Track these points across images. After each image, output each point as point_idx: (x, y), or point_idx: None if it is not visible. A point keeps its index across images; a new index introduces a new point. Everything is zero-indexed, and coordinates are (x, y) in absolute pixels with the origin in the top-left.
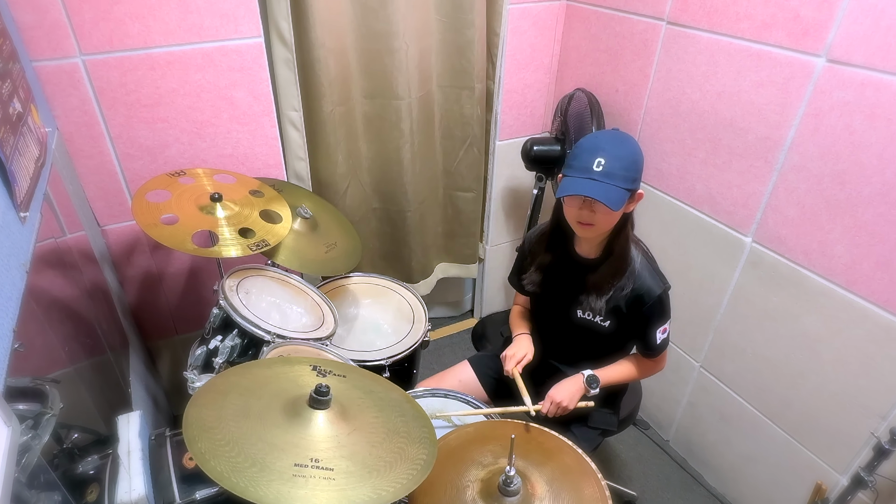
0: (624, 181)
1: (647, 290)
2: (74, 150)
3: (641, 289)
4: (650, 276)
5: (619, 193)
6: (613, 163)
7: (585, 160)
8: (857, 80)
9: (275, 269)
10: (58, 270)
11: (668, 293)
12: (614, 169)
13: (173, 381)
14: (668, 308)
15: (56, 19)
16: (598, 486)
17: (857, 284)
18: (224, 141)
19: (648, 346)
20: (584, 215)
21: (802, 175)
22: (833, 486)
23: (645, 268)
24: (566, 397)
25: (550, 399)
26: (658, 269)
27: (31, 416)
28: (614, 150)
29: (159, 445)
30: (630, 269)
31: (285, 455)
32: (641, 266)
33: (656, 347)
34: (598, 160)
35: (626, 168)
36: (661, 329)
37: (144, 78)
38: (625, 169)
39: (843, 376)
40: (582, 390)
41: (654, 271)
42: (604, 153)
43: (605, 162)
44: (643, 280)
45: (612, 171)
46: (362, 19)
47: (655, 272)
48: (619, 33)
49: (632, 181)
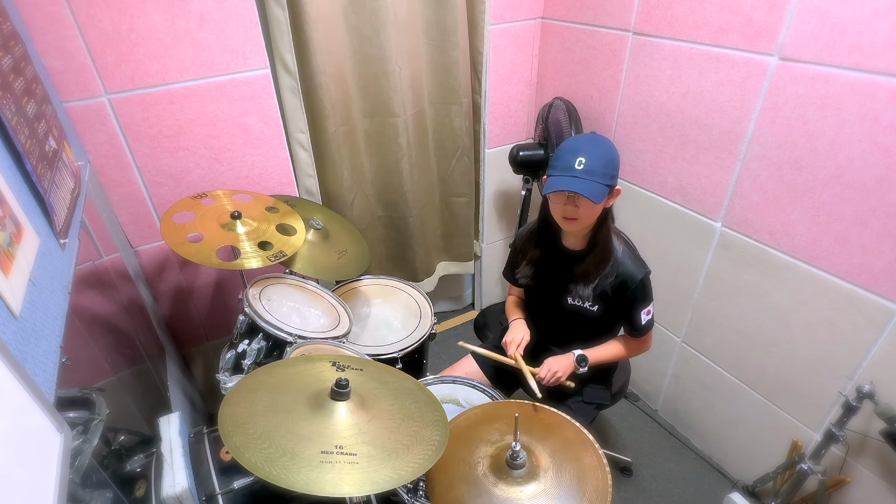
0: (603, 177)
1: (629, 276)
2: (105, 180)
3: (625, 275)
4: (632, 262)
5: (599, 188)
6: (593, 161)
7: (568, 160)
8: (807, 75)
9: (293, 277)
10: (97, 290)
11: (649, 277)
12: (594, 167)
13: (207, 384)
14: (650, 291)
15: (82, 63)
16: (596, 454)
17: (819, 259)
18: (240, 164)
19: (634, 326)
20: (568, 210)
21: (763, 163)
22: (808, 443)
23: (626, 255)
24: (560, 368)
25: (547, 366)
26: (639, 256)
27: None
28: (593, 150)
29: (198, 442)
30: (613, 258)
31: (312, 444)
32: (623, 254)
33: (642, 328)
34: (580, 159)
35: (604, 166)
36: (644, 311)
37: (165, 111)
38: (603, 166)
39: (811, 343)
40: (572, 367)
41: (635, 258)
42: (584, 153)
43: (586, 161)
44: (626, 267)
45: (592, 169)
46: (358, 46)
47: (636, 259)
48: (590, 45)
49: (610, 178)
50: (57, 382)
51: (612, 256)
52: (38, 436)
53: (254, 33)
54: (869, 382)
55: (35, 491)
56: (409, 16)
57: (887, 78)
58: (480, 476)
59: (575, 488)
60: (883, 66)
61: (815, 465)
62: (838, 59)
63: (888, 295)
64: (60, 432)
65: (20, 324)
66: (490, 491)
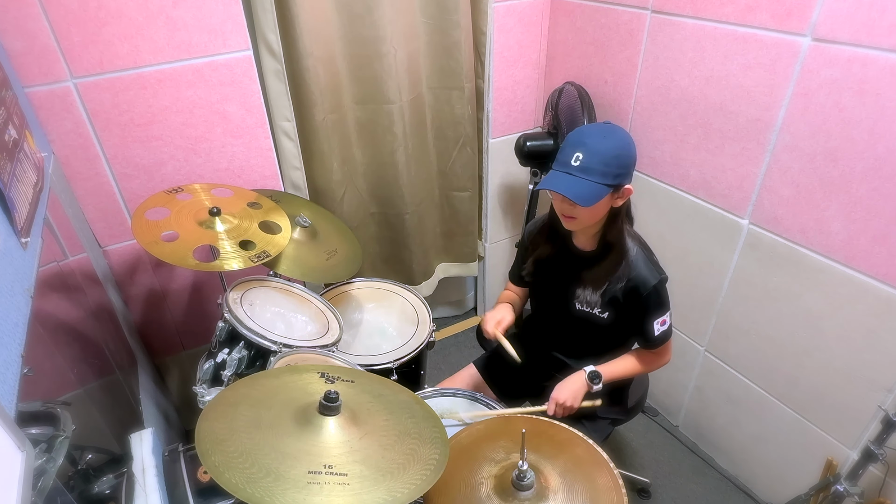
0: (602, 176)
1: (642, 282)
2: (71, 173)
3: (637, 280)
4: (645, 267)
5: (591, 188)
6: (591, 158)
7: (567, 154)
8: (843, 57)
9: (277, 280)
10: (62, 293)
11: (664, 284)
12: (591, 164)
13: (183, 397)
14: (665, 299)
15: (45, 44)
16: (611, 475)
17: (856, 260)
18: (219, 155)
19: (647, 337)
20: (564, 208)
21: (795, 154)
22: (844, 462)
23: (640, 259)
24: (569, 397)
25: (554, 401)
26: (655, 261)
27: (45, 439)
28: (595, 145)
29: (173, 461)
30: (625, 262)
31: (299, 463)
32: (636, 257)
33: (655, 339)
34: (577, 155)
35: (604, 163)
36: (659, 321)
37: (136, 97)
38: (604, 164)
39: (848, 351)
40: (585, 387)
41: (650, 262)
42: (583, 148)
43: (583, 157)
44: (638, 271)
45: (588, 167)
46: (349, 26)
47: (651, 263)
48: (604, 25)
49: (613, 176)
50: (18, 396)
51: (624, 259)
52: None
53: (234, 11)
54: None
55: None
56: None
57: None
58: (484, 498)
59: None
60: None
61: (851, 487)
62: (877, 39)
63: None
64: (22, 450)
65: None
66: None
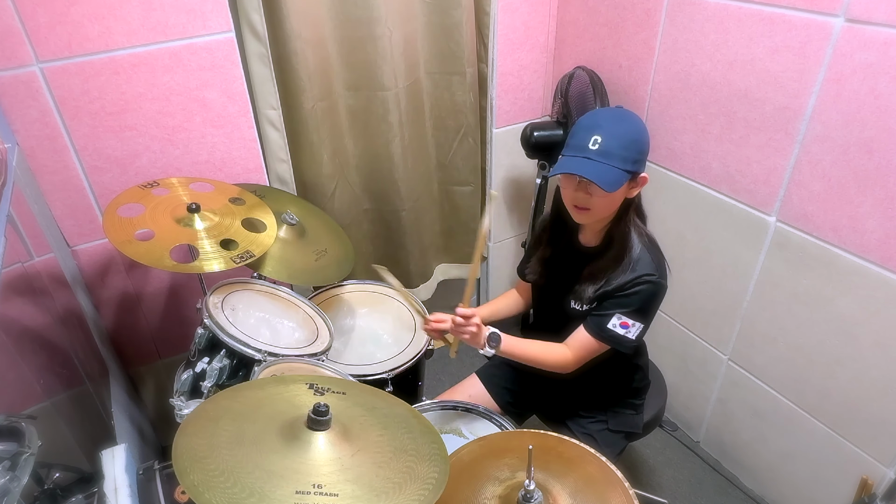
0: (622, 161)
1: (636, 276)
2: (37, 166)
3: (633, 275)
4: (647, 265)
5: (614, 174)
6: (610, 141)
7: (581, 138)
8: (879, 40)
9: (262, 282)
10: (27, 297)
11: (657, 287)
12: (611, 147)
13: (159, 410)
14: (646, 301)
15: (8, 25)
16: (626, 495)
17: (893, 261)
18: (198, 146)
19: (594, 321)
20: (579, 198)
21: (826, 146)
22: (880, 480)
23: (645, 259)
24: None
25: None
26: (662, 262)
27: (8, 456)
28: (612, 128)
29: (148, 480)
30: (626, 259)
31: (285, 482)
32: (640, 256)
33: (597, 328)
34: (595, 138)
35: (624, 147)
36: (621, 321)
37: (108, 83)
38: (623, 148)
39: (884, 361)
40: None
41: (657, 262)
42: (601, 130)
43: (602, 140)
44: (638, 269)
45: (608, 150)
46: (340, 6)
47: (656, 265)
48: (619, 4)
49: (632, 162)
50: None
51: (626, 257)
52: None
53: None
54: None
55: None
56: None
57: None
58: None
59: None
60: None
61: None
62: None
63: None
64: None
65: None
66: None
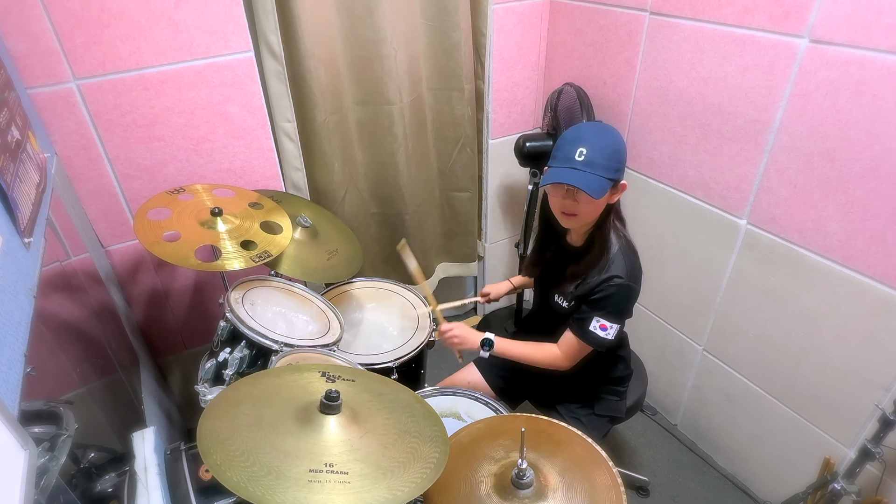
0: (605, 170)
1: (608, 276)
2: (74, 173)
3: (606, 275)
4: (620, 266)
5: (600, 182)
6: (595, 152)
7: (568, 150)
8: (840, 59)
9: (278, 279)
10: (65, 293)
11: (629, 290)
12: (595, 158)
13: (185, 396)
14: (619, 303)
15: (48, 46)
16: (610, 473)
17: (853, 260)
18: (221, 156)
19: (578, 325)
20: (567, 205)
21: (793, 155)
22: (841, 460)
23: (619, 259)
24: (463, 338)
25: (457, 328)
26: (633, 265)
27: (47, 438)
28: (596, 141)
29: (175, 459)
30: (605, 258)
31: (300, 461)
32: (616, 256)
33: (581, 330)
34: (580, 150)
35: (607, 158)
36: (600, 323)
37: (139, 98)
38: (606, 158)
39: (845, 351)
40: (475, 345)
41: (627, 264)
42: (585, 143)
43: (587, 151)
44: (611, 270)
45: (593, 161)
46: (350, 28)
47: (628, 265)
48: (603, 26)
49: (614, 171)
50: (21, 395)
51: (604, 258)
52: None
53: (236, 13)
54: None
55: None
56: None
57: None
58: (483, 496)
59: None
60: None
61: (848, 485)
62: (874, 41)
63: None
64: (25, 449)
65: None
66: None
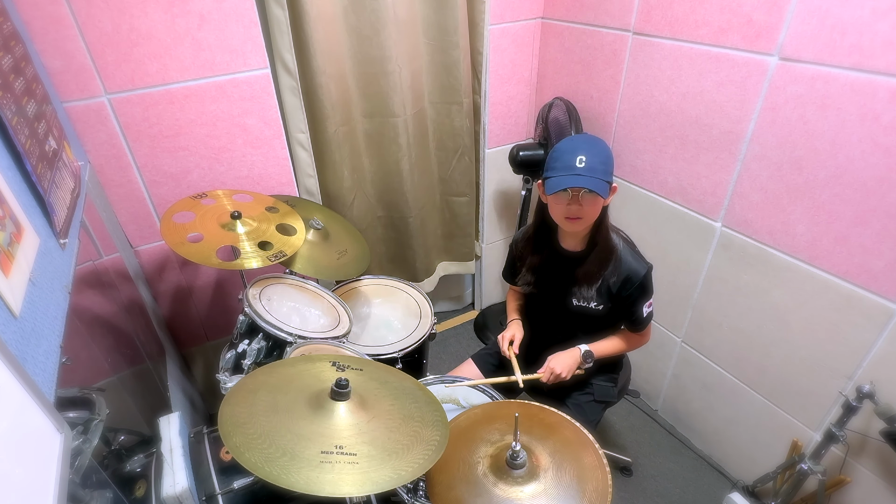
0: (604, 174)
1: (633, 272)
2: (105, 180)
3: (628, 271)
4: (633, 259)
5: (603, 185)
6: (594, 159)
7: (567, 160)
8: (807, 75)
9: (293, 277)
10: (97, 290)
11: (651, 272)
12: (595, 164)
13: (207, 384)
14: (651, 285)
15: (82, 63)
16: (596, 454)
17: (819, 259)
18: (240, 164)
19: (637, 320)
20: (572, 210)
21: (763, 163)
22: (808, 443)
23: (627, 252)
24: (565, 368)
25: (550, 370)
26: (638, 252)
27: (81, 422)
28: (592, 149)
29: (198, 442)
30: (615, 256)
31: (312, 444)
32: (624, 251)
33: (643, 321)
34: (580, 158)
35: (603, 163)
36: (647, 304)
37: (165, 111)
38: (603, 164)
39: (811, 343)
40: (578, 363)
41: (636, 254)
42: (584, 152)
43: (587, 159)
44: (628, 264)
45: (593, 167)
46: (358, 47)
47: (637, 255)
48: (590, 45)
49: (609, 174)
50: (57, 382)
51: (614, 255)
52: (38, 436)
53: (254, 33)
54: (869, 382)
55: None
56: (410, 16)
57: (887, 78)
58: (480, 476)
59: (575, 488)
60: (883, 66)
61: (815, 465)
62: (838, 59)
63: (888, 295)
64: (60, 432)
65: (20, 324)
66: (490, 491)
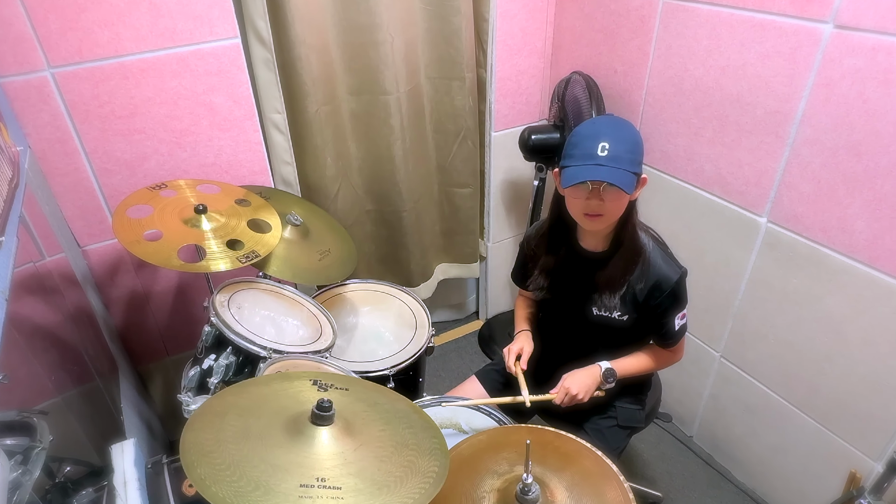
0: (630, 164)
1: (664, 278)
2: (48, 168)
3: (657, 276)
4: (664, 262)
5: (628, 177)
6: (618, 146)
7: (588, 147)
8: (867, 46)
9: (267, 281)
10: (38, 296)
11: (685, 278)
12: (620, 152)
13: (167, 406)
14: (685, 294)
15: (21, 31)
16: (621, 488)
17: (881, 260)
18: (205, 149)
19: (668, 334)
20: (592, 206)
21: (816, 148)
22: (868, 474)
23: (658, 255)
24: (582, 389)
25: (565, 390)
26: (671, 254)
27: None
28: (616, 134)
29: (156, 474)
30: (643, 259)
31: (290, 476)
32: (654, 253)
33: (675, 335)
34: (603, 145)
35: (630, 151)
36: (679, 315)
37: (117, 88)
38: (630, 152)
39: (872, 357)
40: (597, 383)
41: (668, 256)
42: (607, 137)
43: (610, 146)
44: (658, 268)
45: (618, 155)
46: (343, 13)
47: (669, 257)
48: (614, 11)
49: (638, 164)
50: None
51: (642, 257)
52: None
53: None
54: None
55: None
56: None
57: None
58: None
59: None
60: None
61: (876, 500)
62: None
63: None
64: None
65: None
66: None
